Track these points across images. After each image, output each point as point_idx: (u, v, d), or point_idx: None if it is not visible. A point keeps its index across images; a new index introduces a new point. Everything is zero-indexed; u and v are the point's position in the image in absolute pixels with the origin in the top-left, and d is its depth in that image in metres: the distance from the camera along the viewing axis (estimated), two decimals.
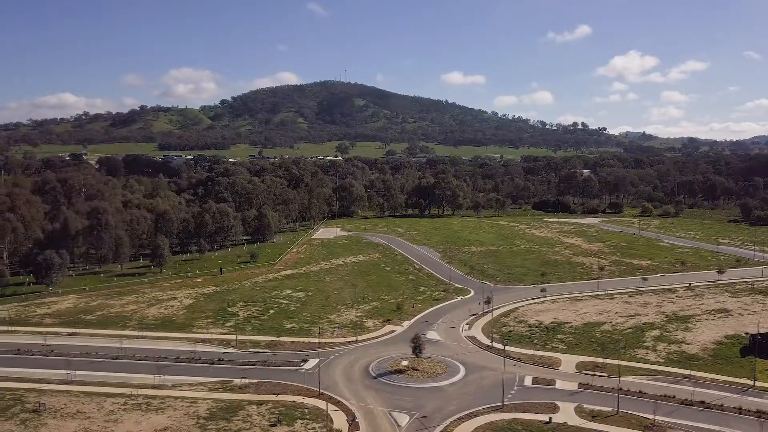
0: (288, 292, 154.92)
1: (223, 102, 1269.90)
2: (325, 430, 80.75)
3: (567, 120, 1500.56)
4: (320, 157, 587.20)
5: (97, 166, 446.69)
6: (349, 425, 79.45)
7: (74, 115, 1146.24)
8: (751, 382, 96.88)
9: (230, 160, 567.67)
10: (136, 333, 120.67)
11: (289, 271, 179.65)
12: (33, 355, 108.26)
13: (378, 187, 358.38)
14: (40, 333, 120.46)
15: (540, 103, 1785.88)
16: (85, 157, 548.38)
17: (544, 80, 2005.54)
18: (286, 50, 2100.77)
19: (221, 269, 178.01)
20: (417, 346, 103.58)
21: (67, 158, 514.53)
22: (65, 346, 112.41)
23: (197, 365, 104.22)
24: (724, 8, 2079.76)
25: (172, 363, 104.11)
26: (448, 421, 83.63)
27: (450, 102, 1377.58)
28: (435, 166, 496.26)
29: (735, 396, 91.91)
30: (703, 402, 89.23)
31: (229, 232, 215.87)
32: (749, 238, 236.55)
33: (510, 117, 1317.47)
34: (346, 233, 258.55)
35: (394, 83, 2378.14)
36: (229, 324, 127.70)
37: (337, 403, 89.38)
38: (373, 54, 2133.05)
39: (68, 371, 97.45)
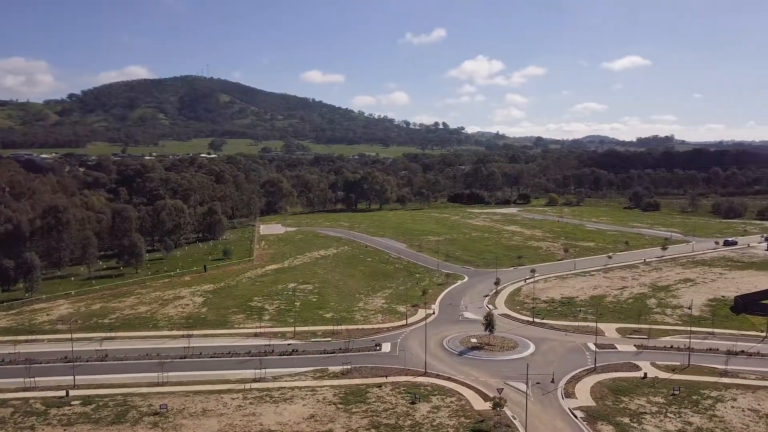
0: (293, 285, 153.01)
1: (71, 96, 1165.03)
2: (462, 402, 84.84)
3: (422, 120, 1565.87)
4: (209, 155, 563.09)
5: None
6: (499, 393, 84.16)
7: None
8: (763, 334, 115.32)
9: (113, 158, 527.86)
10: (174, 332, 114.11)
11: (273, 266, 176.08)
12: (89, 361, 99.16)
13: (293, 183, 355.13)
14: (69, 339, 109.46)
15: (397, 104, 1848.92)
16: None
17: (401, 81, 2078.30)
18: (136, 42, 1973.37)
19: (205, 267, 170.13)
20: (490, 324, 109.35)
21: None
22: (120, 350, 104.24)
23: (275, 358, 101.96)
24: (561, 19, 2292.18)
25: (247, 358, 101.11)
26: (561, 384, 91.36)
27: (317, 100, 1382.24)
28: (333, 163, 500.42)
29: (760, 345, 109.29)
30: (743, 351, 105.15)
31: (184, 229, 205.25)
32: (653, 221, 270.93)
33: (375, 116, 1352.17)
34: (292, 229, 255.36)
35: (254, 80, 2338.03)
36: (266, 318, 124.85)
37: (448, 379, 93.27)
38: (232, 50, 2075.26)
39: (158, 373, 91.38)
